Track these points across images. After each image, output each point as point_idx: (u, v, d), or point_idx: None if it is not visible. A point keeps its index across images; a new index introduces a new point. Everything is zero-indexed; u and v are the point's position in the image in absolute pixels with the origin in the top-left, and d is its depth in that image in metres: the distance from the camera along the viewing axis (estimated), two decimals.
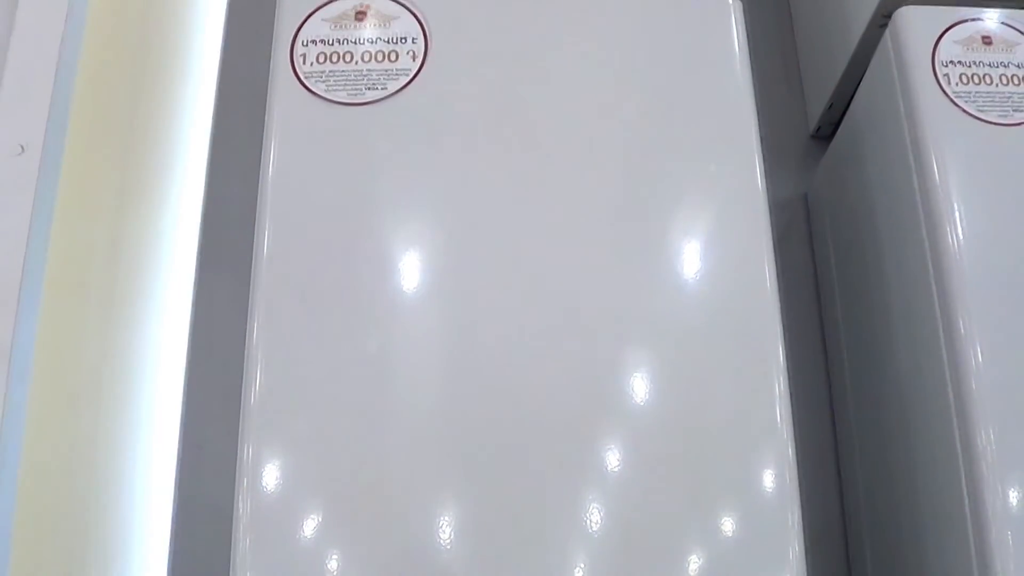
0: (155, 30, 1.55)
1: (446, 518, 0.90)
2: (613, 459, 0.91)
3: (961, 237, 0.99)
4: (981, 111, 1.05)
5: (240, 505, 0.90)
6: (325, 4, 1.07)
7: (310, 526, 0.89)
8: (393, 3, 1.07)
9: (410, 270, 0.96)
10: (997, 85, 1.07)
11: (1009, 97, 1.07)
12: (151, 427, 1.33)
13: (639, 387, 0.94)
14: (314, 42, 1.05)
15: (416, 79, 1.03)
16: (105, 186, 1.43)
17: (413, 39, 1.05)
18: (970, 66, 1.08)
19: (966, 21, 1.10)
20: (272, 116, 1.02)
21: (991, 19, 1.11)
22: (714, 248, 0.98)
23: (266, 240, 0.97)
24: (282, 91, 1.03)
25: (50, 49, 1.32)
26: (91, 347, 1.34)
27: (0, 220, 1.20)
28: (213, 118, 1.43)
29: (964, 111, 1.05)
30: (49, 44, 1.32)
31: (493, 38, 1.07)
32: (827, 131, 1.42)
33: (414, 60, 1.04)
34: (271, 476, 0.90)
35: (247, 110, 1.36)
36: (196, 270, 1.34)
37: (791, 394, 0.94)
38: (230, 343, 1.05)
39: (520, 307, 0.96)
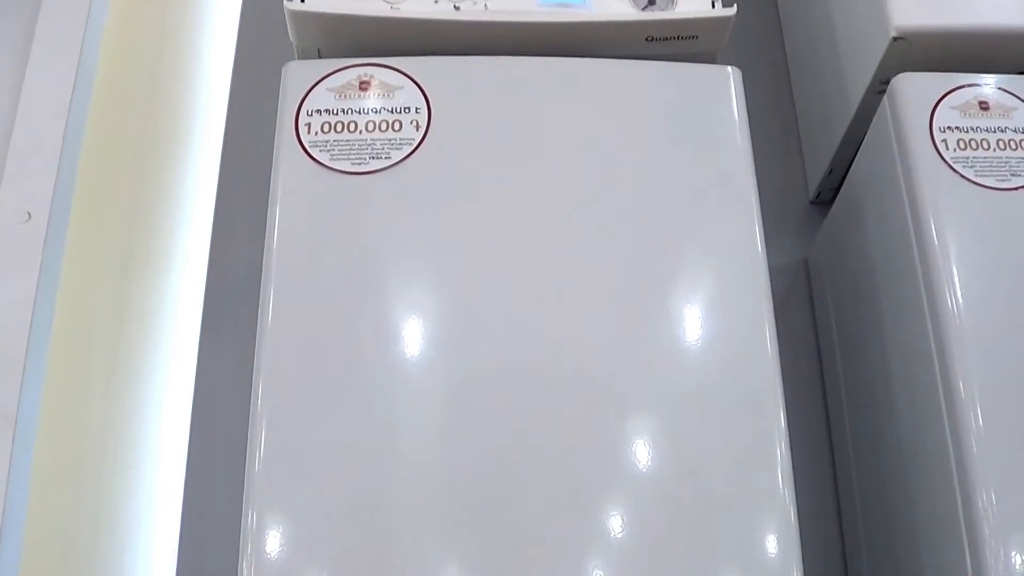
0: (161, 98, 1.57)
1: None
2: (616, 525, 0.92)
3: (960, 301, 1.00)
4: (979, 176, 1.06)
5: (244, 571, 0.90)
6: (330, 74, 1.09)
7: None
8: (397, 73, 1.09)
9: (414, 337, 0.97)
10: (994, 150, 1.08)
11: (1007, 162, 1.08)
12: (155, 492, 1.33)
13: (640, 453, 0.94)
14: (319, 111, 1.07)
15: (419, 148, 1.04)
16: (110, 253, 1.44)
17: (416, 109, 1.07)
18: (967, 131, 1.09)
19: (963, 87, 1.12)
20: (277, 184, 1.04)
21: (988, 85, 1.12)
22: (715, 313, 1.00)
23: (270, 306, 0.98)
24: (287, 160, 1.05)
25: (57, 117, 1.33)
26: (95, 413, 1.35)
27: (6, 286, 1.21)
28: (218, 186, 1.45)
29: (962, 176, 1.06)
30: (56, 112, 1.34)
31: (495, 108, 1.08)
32: (827, 196, 1.44)
33: (417, 130, 1.05)
34: (275, 542, 0.91)
35: (251, 178, 1.37)
36: (200, 336, 1.35)
37: (792, 458, 0.95)
38: (234, 409, 1.06)
39: (522, 373, 0.96)
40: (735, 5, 1.17)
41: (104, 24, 1.48)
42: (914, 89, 1.12)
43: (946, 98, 1.11)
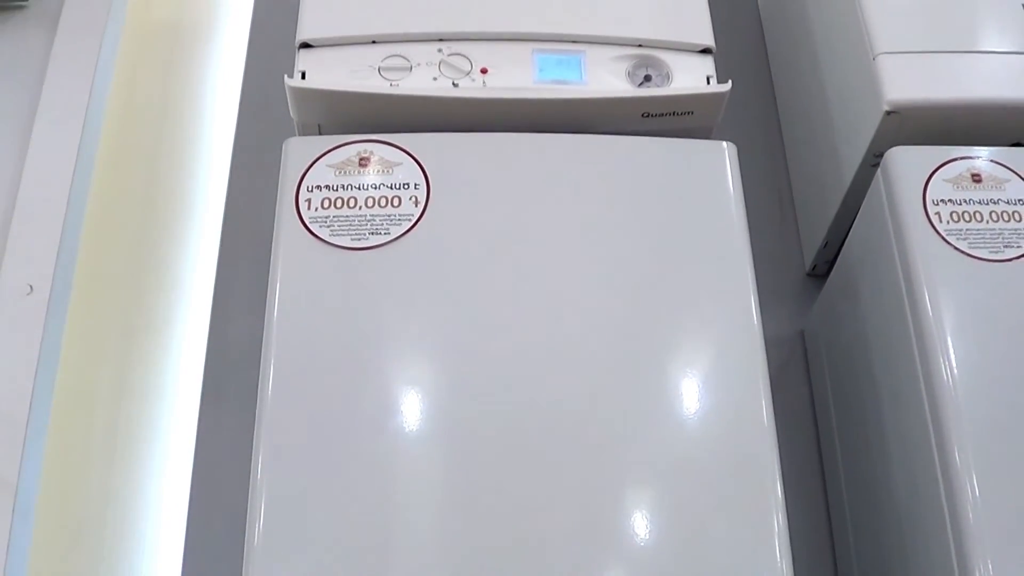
0: (163, 172, 1.59)
1: None
2: None
3: (955, 371, 1.01)
4: (972, 248, 1.08)
5: None
6: (330, 150, 1.11)
7: None
8: (396, 149, 1.11)
9: (413, 410, 0.98)
10: (987, 222, 1.10)
11: (1000, 233, 1.09)
12: (154, 563, 1.33)
13: (639, 525, 0.95)
14: (319, 187, 1.08)
15: (418, 224, 1.06)
16: (111, 324, 1.45)
17: (415, 185, 1.08)
18: (960, 204, 1.11)
19: (956, 160, 1.13)
20: (277, 259, 1.05)
21: (980, 157, 1.14)
22: (712, 385, 1.01)
23: (270, 379, 0.99)
24: (287, 234, 1.06)
25: (60, 191, 1.35)
26: (95, 483, 1.35)
27: (9, 357, 1.22)
28: (218, 259, 1.46)
29: (956, 248, 1.08)
30: (59, 186, 1.35)
31: (493, 184, 1.10)
32: (823, 269, 1.46)
33: (416, 205, 1.07)
34: None
35: (252, 252, 1.39)
36: (200, 408, 1.36)
37: (790, 529, 0.95)
38: (233, 480, 1.06)
39: (521, 447, 0.97)
40: (730, 81, 1.19)
41: (107, 98, 1.50)
42: (907, 162, 1.13)
43: (939, 171, 1.13)
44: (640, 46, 1.21)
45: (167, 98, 1.66)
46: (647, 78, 1.20)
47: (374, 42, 1.20)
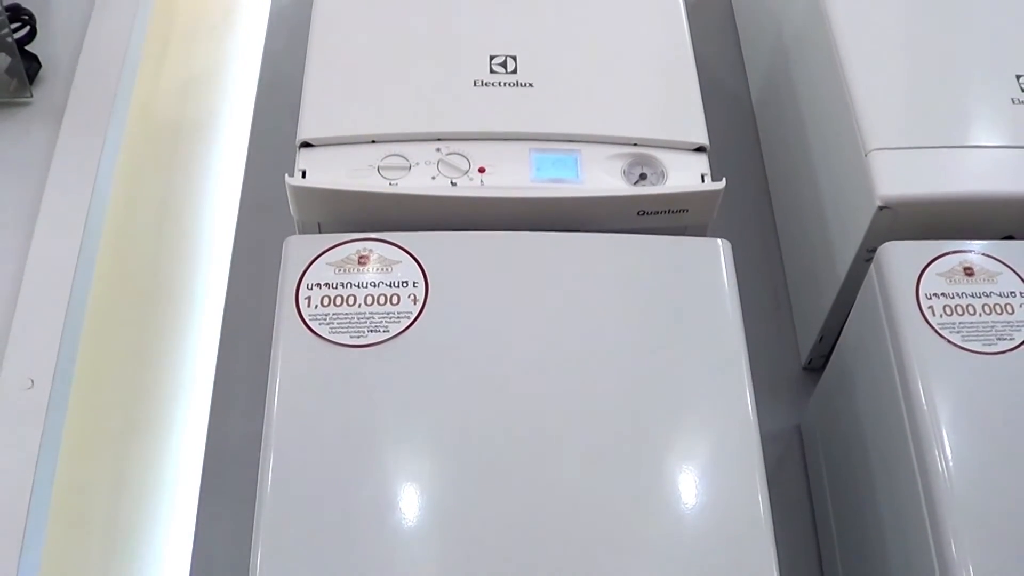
0: (163, 269, 1.61)
1: None
2: None
3: (950, 463, 1.02)
4: (965, 341, 1.09)
5: None
6: (329, 248, 1.13)
7: None
8: (395, 248, 1.13)
9: (412, 508, 0.99)
10: (980, 315, 1.11)
11: (992, 326, 1.11)
12: None
13: None
14: (318, 285, 1.10)
15: (417, 322, 1.08)
16: (111, 420, 1.46)
17: (414, 283, 1.10)
18: (953, 297, 1.12)
19: (948, 254, 1.15)
20: (277, 355, 1.07)
21: (973, 251, 1.16)
22: (708, 481, 1.02)
23: (270, 475, 1.00)
24: (287, 332, 1.08)
25: (61, 286, 1.36)
26: None
27: (8, 452, 1.23)
28: (218, 355, 1.47)
29: (949, 342, 1.09)
30: (60, 282, 1.37)
31: (490, 282, 1.12)
32: (818, 363, 1.47)
33: (415, 303, 1.09)
34: None
35: (251, 348, 1.41)
36: (199, 504, 1.36)
37: None
38: None
39: (519, 542, 0.98)
40: (724, 179, 1.21)
41: (110, 195, 1.52)
42: (900, 257, 1.15)
43: (932, 265, 1.14)
44: (635, 145, 1.24)
45: (169, 195, 1.69)
46: (642, 176, 1.22)
47: (373, 142, 1.23)
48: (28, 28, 1.59)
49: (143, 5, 1.71)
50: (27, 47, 1.58)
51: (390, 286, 1.10)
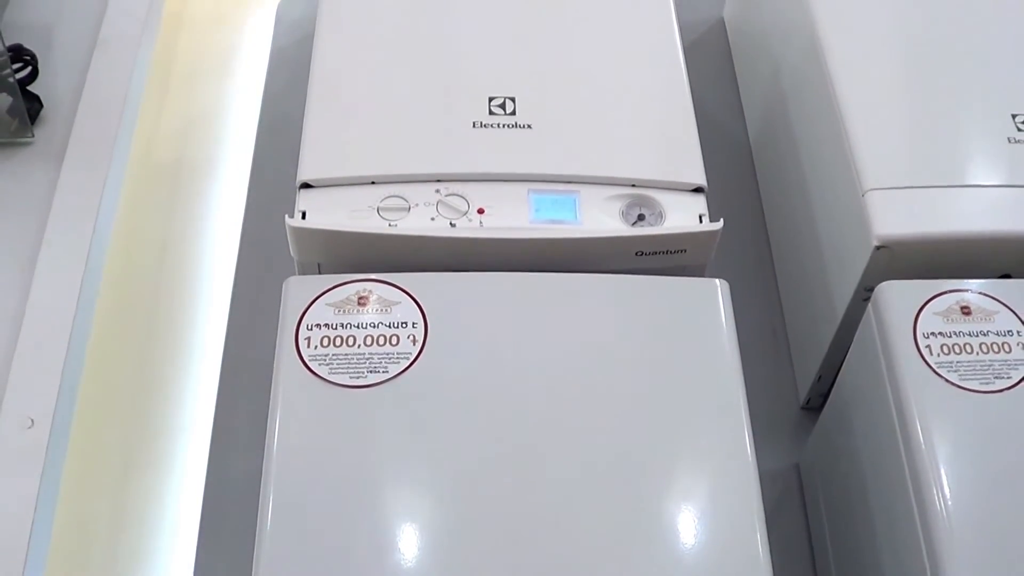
0: (163, 308, 1.62)
1: None
2: None
3: (949, 501, 1.02)
4: (963, 380, 1.09)
5: None
6: (329, 289, 1.13)
7: None
8: (394, 289, 1.13)
9: (410, 550, 0.99)
10: (977, 354, 1.11)
11: (989, 365, 1.11)
12: None
13: None
14: (318, 326, 1.11)
15: (416, 362, 1.08)
16: (111, 459, 1.46)
17: (413, 324, 1.11)
18: (951, 336, 1.12)
19: (945, 293, 1.16)
20: (277, 396, 1.07)
21: (970, 290, 1.16)
22: (706, 521, 1.02)
23: (269, 515, 1.00)
24: (287, 372, 1.08)
25: (62, 326, 1.37)
26: None
27: (8, 492, 1.23)
28: (218, 395, 1.47)
29: (946, 380, 1.09)
30: (61, 321, 1.38)
31: (490, 322, 1.13)
32: (817, 403, 1.47)
33: (414, 344, 1.09)
34: None
35: (251, 388, 1.41)
36: (197, 546, 1.36)
37: None
38: None
39: None
40: (722, 219, 1.22)
41: (110, 235, 1.53)
42: (897, 296, 1.15)
43: (929, 304, 1.15)
44: (633, 186, 1.25)
45: (169, 236, 1.69)
46: (640, 217, 1.23)
47: (373, 183, 1.23)
48: (30, 68, 1.61)
49: (144, 46, 1.73)
50: (29, 87, 1.59)
51: (390, 327, 1.10)
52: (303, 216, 1.21)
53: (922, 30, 1.41)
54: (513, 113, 1.30)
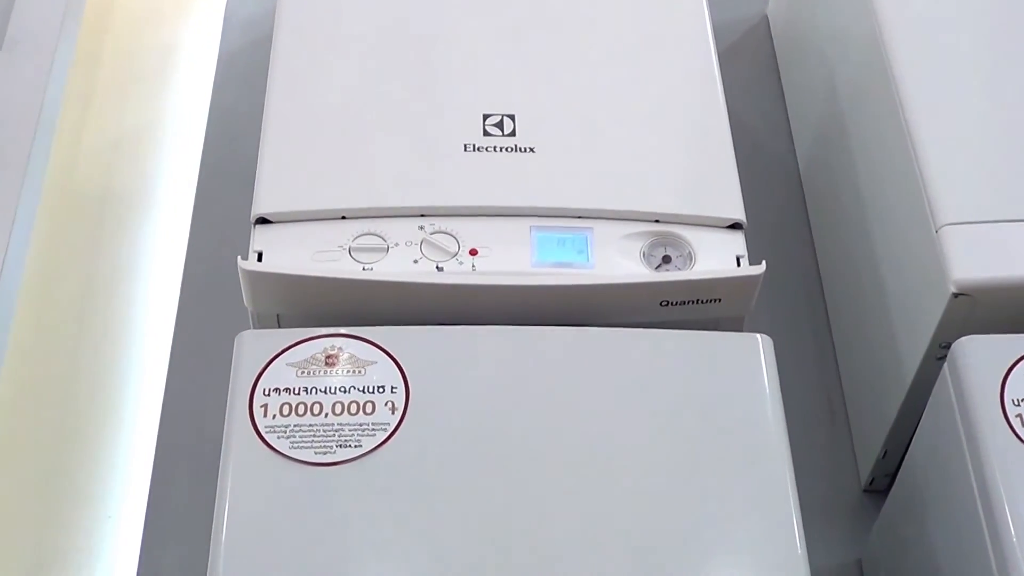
0: (87, 371, 1.62)
1: None
2: None
3: None
4: None
5: None
6: (291, 346, 1.14)
7: None
8: (369, 346, 1.14)
9: None
10: None
11: None
12: None
13: None
14: (277, 391, 1.11)
15: (395, 435, 1.09)
16: (19, 560, 1.46)
17: (392, 388, 1.12)
18: None
19: None
20: (227, 475, 1.08)
21: None
22: None
23: None
24: (238, 447, 1.09)
25: None
26: None
27: None
28: (152, 476, 1.48)
29: None
30: None
31: (483, 387, 1.14)
32: (882, 484, 1.48)
33: (393, 412, 1.10)
34: None
35: (193, 468, 1.41)
36: None
37: None
38: None
39: None
40: (764, 262, 1.23)
41: (20, 282, 1.53)
42: (980, 354, 1.15)
43: (1020, 364, 1.14)
44: (657, 221, 1.26)
45: (93, 281, 1.69)
46: (666, 259, 1.24)
47: (344, 217, 1.25)
48: None
49: (62, 49, 1.73)
50: None
51: (363, 391, 1.11)
52: (259, 257, 1.22)
53: (1006, 37, 1.42)
54: (512, 134, 1.31)
